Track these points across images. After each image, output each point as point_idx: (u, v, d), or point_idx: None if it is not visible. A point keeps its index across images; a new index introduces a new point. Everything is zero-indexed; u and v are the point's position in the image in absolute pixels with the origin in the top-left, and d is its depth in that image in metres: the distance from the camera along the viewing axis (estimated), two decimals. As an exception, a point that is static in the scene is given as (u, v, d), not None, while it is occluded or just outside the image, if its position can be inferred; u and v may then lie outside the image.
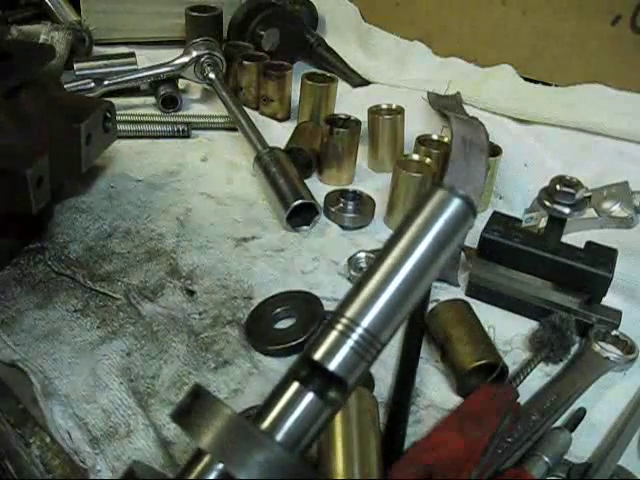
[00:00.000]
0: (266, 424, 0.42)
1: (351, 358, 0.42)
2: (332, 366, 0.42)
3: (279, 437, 0.41)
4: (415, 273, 0.43)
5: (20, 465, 0.62)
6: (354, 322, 0.42)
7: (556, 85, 1.23)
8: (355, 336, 0.42)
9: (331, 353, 0.42)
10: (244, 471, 0.38)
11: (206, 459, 0.41)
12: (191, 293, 0.79)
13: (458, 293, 0.82)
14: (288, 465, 0.39)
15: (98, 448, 0.60)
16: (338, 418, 0.58)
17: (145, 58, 1.28)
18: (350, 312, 0.43)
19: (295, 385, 0.42)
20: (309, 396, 0.42)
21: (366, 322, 0.42)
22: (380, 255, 0.44)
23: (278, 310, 0.76)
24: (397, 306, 0.43)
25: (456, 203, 0.43)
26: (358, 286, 0.43)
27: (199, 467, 0.41)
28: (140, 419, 0.62)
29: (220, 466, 0.40)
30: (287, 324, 0.75)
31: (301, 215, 0.92)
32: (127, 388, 0.65)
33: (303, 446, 0.42)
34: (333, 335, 0.42)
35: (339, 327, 0.42)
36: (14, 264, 0.81)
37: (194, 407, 0.42)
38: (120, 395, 0.65)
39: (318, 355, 0.42)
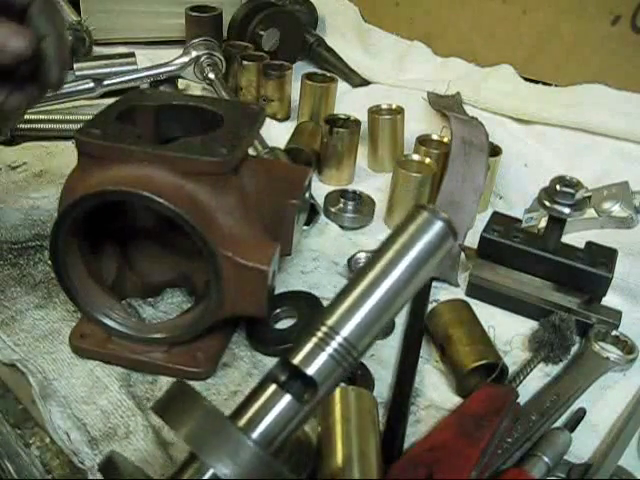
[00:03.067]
0: (243, 422, 0.43)
1: (329, 364, 0.44)
2: (310, 371, 0.43)
3: (254, 435, 0.43)
4: (394, 288, 0.45)
5: (20, 465, 0.62)
6: (334, 330, 0.44)
7: (556, 85, 1.23)
8: (334, 344, 0.44)
9: (310, 359, 0.44)
10: (218, 464, 0.40)
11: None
12: (190, 295, 0.79)
13: (458, 293, 0.82)
14: (261, 462, 0.40)
15: (97, 449, 0.60)
16: (338, 418, 0.58)
17: (145, 58, 1.28)
18: (331, 321, 0.44)
19: (273, 387, 0.44)
20: (286, 398, 0.43)
21: (345, 331, 0.44)
22: (363, 269, 0.46)
23: (278, 310, 0.76)
24: (376, 318, 0.45)
25: (438, 225, 0.46)
26: (341, 296, 0.45)
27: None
28: (139, 420, 0.62)
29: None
30: (287, 324, 0.75)
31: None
32: (127, 391, 0.65)
33: (276, 446, 0.43)
34: (313, 341, 0.44)
35: (319, 334, 0.44)
36: (14, 264, 0.81)
37: (176, 399, 0.43)
38: (119, 397, 0.64)
39: (297, 359, 0.44)
